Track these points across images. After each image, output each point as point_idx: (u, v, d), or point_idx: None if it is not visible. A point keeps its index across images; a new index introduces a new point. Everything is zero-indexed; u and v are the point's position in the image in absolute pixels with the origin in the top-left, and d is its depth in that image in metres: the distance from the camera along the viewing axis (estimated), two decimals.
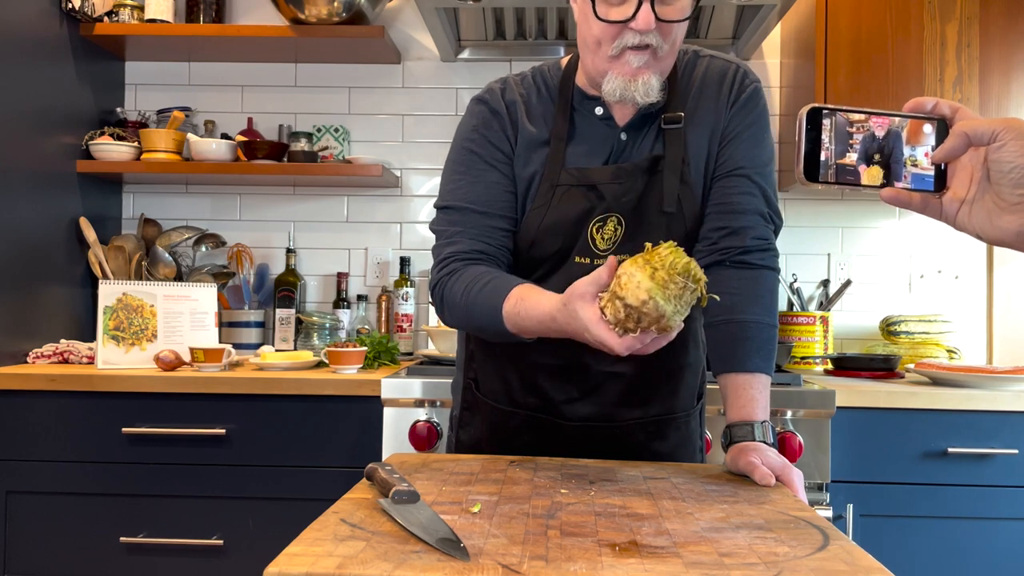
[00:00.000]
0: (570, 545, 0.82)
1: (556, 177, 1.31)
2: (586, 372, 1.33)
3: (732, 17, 2.47)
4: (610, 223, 1.30)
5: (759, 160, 1.34)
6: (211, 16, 2.68)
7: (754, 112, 1.36)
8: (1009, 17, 2.29)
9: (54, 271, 2.41)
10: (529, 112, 1.36)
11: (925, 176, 0.83)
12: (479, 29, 2.58)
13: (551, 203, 1.31)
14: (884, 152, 0.83)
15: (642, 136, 1.33)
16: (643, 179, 1.30)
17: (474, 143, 1.35)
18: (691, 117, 1.34)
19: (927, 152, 0.83)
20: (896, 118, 0.83)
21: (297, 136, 2.62)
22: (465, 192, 1.33)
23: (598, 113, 1.34)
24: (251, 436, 2.05)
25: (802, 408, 1.95)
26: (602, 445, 1.34)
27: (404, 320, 2.64)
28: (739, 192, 1.32)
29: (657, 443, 1.36)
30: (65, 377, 2.05)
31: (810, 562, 0.78)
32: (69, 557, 2.06)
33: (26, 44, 2.28)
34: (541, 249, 1.32)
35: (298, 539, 0.81)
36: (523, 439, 1.37)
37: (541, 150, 1.33)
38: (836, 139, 0.83)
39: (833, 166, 0.83)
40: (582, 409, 1.34)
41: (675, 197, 1.30)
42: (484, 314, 1.22)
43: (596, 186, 1.30)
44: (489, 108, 1.36)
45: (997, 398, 1.98)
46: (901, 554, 2.00)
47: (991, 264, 2.65)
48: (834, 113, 0.83)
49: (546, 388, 1.35)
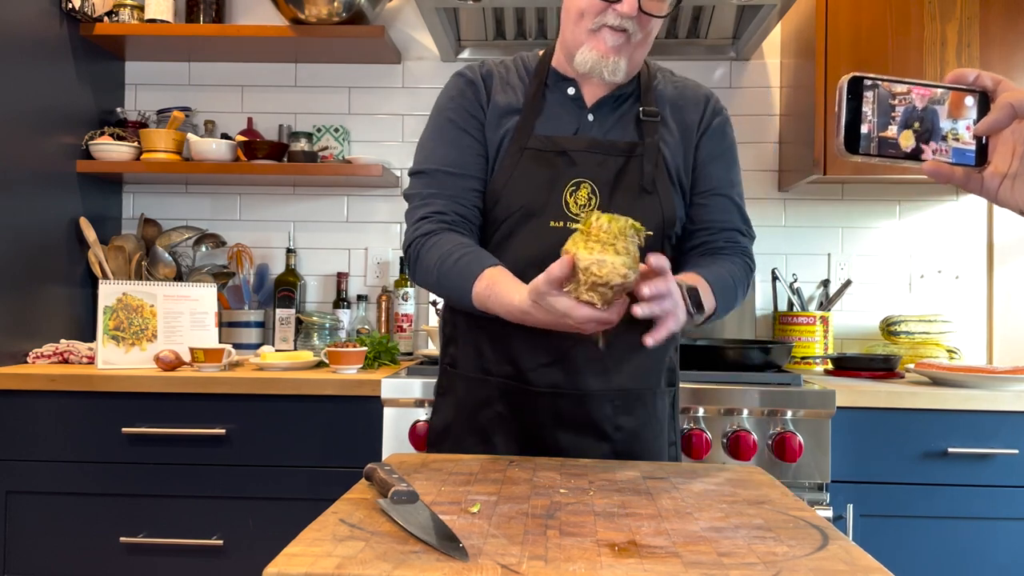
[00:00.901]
0: (569, 545, 0.82)
1: (525, 141, 1.39)
2: (555, 338, 1.34)
3: (732, 17, 2.47)
4: (583, 189, 1.37)
5: (735, 180, 1.47)
6: (211, 16, 2.68)
7: (728, 138, 1.48)
8: (1009, 17, 2.29)
9: (54, 271, 2.41)
10: (504, 84, 1.44)
11: (966, 150, 0.81)
12: (479, 29, 2.58)
13: (518, 164, 1.38)
14: (925, 124, 0.81)
15: (610, 121, 1.42)
16: (620, 160, 1.38)
17: (449, 111, 1.43)
18: (665, 120, 1.43)
19: (968, 125, 0.81)
20: (938, 89, 0.81)
21: (297, 136, 2.62)
22: (439, 156, 1.40)
23: (569, 93, 1.43)
24: (251, 436, 2.05)
25: (802, 408, 1.95)
26: (572, 417, 1.37)
27: (404, 320, 2.64)
28: (719, 210, 1.44)
29: (623, 418, 1.38)
30: (65, 377, 2.05)
31: (809, 562, 0.78)
32: (69, 557, 2.06)
33: (26, 44, 2.28)
34: (505, 208, 1.38)
35: (297, 539, 0.81)
36: (494, 409, 1.39)
37: (511, 118, 1.41)
38: (878, 110, 0.80)
39: (875, 138, 0.80)
40: (551, 375, 1.37)
41: (652, 178, 1.38)
42: (454, 288, 1.29)
43: (567, 152, 1.38)
44: (466, 79, 1.45)
45: (997, 398, 1.98)
46: (901, 554, 2.00)
47: (991, 264, 2.65)
48: (876, 83, 0.80)
49: (517, 355, 1.38)
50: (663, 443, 1.44)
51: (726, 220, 1.44)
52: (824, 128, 2.31)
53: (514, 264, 1.30)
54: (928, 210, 2.68)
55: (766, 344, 2.22)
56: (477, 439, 1.41)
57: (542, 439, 1.37)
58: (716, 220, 1.44)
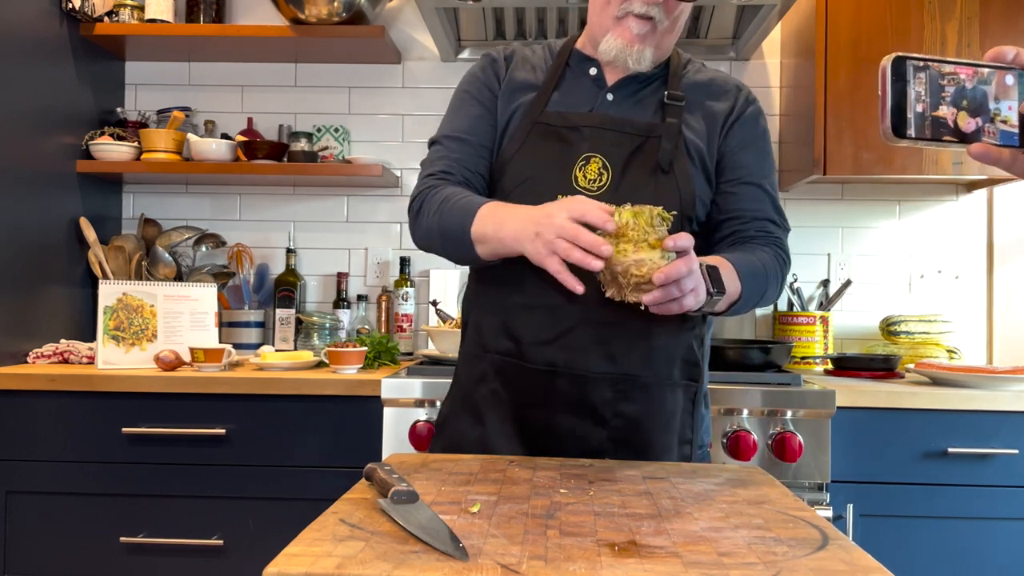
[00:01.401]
0: (569, 545, 0.82)
1: (537, 115, 1.39)
2: (560, 313, 1.32)
3: (732, 17, 2.47)
4: (594, 163, 1.35)
5: (768, 170, 1.43)
6: (211, 16, 2.68)
7: (760, 127, 1.44)
8: (1009, 17, 2.29)
9: (54, 271, 2.41)
10: (524, 62, 1.46)
11: (1011, 131, 0.79)
12: (479, 29, 2.58)
13: (528, 136, 1.38)
14: (973, 105, 0.78)
15: (630, 102, 1.40)
16: (637, 139, 1.36)
17: (467, 84, 1.47)
18: (690, 106, 1.41)
19: (1011, 106, 0.79)
20: (984, 70, 0.79)
21: (297, 136, 2.62)
22: (452, 126, 1.44)
23: (591, 73, 1.43)
24: (251, 436, 2.05)
25: (802, 408, 1.95)
26: (568, 399, 1.32)
27: (404, 320, 2.64)
28: (750, 199, 1.40)
29: (623, 404, 1.33)
30: (65, 377, 2.05)
31: (809, 562, 0.78)
32: (69, 557, 2.06)
33: (26, 44, 2.28)
34: (512, 179, 1.37)
35: (297, 539, 0.81)
36: (488, 387, 1.37)
37: (527, 93, 1.42)
38: (925, 92, 0.78)
39: (923, 121, 0.78)
40: (549, 353, 1.32)
41: (669, 158, 1.35)
42: (455, 225, 1.29)
43: (579, 128, 1.37)
44: (489, 58, 1.48)
45: (997, 398, 1.98)
46: (901, 554, 2.00)
47: (991, 264, 2.65)
48: (922, 64, 0.78)
49: (517, 330, 1.35)
50: (671, 439, 1.36)
51: (757, 209, 1.40)
52: (824, 128, 2.31)
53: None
54: (928, 210, 2.68)
55: (766, 344, 2.22)
56: (471, 419, 1.38)
57: (535, 420, 1.34)
58: (747, 209, 1.40)
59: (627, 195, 1.30)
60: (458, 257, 1.36)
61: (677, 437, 1.38)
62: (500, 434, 1.35)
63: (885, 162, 2.29)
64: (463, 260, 1.35)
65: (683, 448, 1.39)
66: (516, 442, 1.35)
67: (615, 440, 1.33)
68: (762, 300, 1.37)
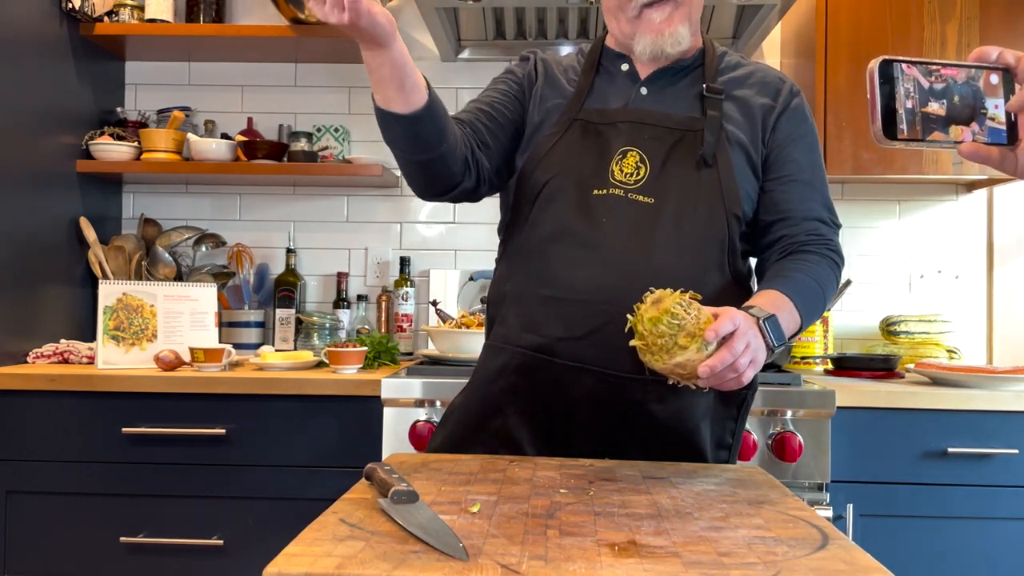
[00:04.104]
0: (569, 545, 0.82)
1: (575, 113, 1.38)
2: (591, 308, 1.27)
3: (732, 17, 2.47)
4: (631, 157, 1.33)
5: (817, 165, 1.39)
6: (211, 16, 2.68)
7: (807, 122, 1.41)
8: (1009, 17, 2.29)
9: (54, 271, 2.41)
10: (558, 65, 1.47)
11: (999, 129, 0.80)
12: (479, 29, 2.58)
13: (564, 133, 1.37)
14: (960, 105, 0.79)
15: (666, 95, 1.39)
16: (676, 133, 1.34)
17: (501, 75, 1.49)
18: (731, 98, 1.38)
19: (997, 104, 0.80)
20: (971, 69, 0.80)
21: (297, 136, 2.62)
22: (476, 99, 1.45)
23: (623, 68, 1.42)
24: (251, 436, 2.05)
25: (802, 408, 1.95)
26: (594, 398, 1.28)
27: (404, 320, 2.64)
28: (800, 198, 1.36)
29: (655, 405, 1.28)
30: (65, 377, 2.05)
31: (809, 562, 0.78)
32: (69, 557, 2.06)
33: (26, 44, 2.28)
34: (545, 172, 1.35)
35: (297, 539, 0.81)
36: (507, 380, 1.33)
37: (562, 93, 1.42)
38: (912, 94, 0.78)
39: (912, 122, 0.78)
40: (579, 349, 1.28)
41: (713, 149, 1.32)
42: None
43: (615, 123, 1.36)
44: (523, 57, 1.51)
45: (997, 398, 1.98)
46: (901, 554, 2.00)
47: (991, 264, 2.65)
48: (909, 66, 0.78)
49: (545, 324, 1.30)
50: (702, 441, 1.32)
51: (808, 208, 1.34)
52: (824, 128, 2.31)
53: (553, 229, 1.28)
54: (928, 210, 2.68)
55: None
56: (485, 413, 1.35)
57: (555, 418, 1.30)
58: (796, 209, 1.34)
59: (667, 189, 1.30)
60: (402, 138, 1.30)
61: (712, 441, 1.35)
62: (515, 431, 1.33)
63: (885, 162, 2.29)
64: (406, 139, 1.28)
65: (719, 453, 1.36)
66: (529, 435, 1.32)
67: (641, 441, 1.30)
68: (819, 316, 1.34)
